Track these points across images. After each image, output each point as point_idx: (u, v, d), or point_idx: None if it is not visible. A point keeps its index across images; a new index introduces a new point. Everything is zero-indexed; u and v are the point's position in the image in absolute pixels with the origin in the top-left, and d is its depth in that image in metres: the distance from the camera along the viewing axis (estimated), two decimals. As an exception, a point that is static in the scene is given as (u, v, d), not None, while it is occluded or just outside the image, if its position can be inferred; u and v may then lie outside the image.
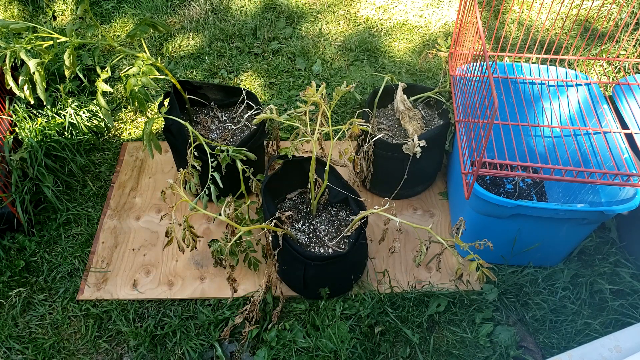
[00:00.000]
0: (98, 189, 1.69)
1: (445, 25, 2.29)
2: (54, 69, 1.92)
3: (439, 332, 1.35)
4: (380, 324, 1.34)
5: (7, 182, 1.54)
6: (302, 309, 1.38)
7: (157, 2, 2.37)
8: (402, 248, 1.52)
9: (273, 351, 1.30)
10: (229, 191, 1.34)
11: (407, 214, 1.62)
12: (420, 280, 1.45)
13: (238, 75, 2.08)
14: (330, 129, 1.14)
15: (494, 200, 1.21)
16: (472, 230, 1.39)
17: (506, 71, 1.52)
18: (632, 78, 1.47)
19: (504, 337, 1.31)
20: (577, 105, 1.49)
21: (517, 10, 2.36)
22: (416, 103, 1.62)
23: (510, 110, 1.55)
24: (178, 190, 1.10)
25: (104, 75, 1.26)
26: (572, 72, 1.51)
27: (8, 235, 1.56)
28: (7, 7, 2.35)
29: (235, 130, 1.58)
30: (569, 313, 1.36)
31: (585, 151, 1.40)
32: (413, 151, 1.41)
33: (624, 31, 2.19)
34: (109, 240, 1.55)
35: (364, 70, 2.09)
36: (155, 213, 1.63)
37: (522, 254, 1.41)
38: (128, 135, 1.87)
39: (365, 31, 2.25)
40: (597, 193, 1.36)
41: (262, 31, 2.25)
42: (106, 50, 2.18)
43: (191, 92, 1.59)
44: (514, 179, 1.65)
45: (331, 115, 1.11)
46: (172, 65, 2.11)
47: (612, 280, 1.41)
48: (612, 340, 1.00)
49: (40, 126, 1.73)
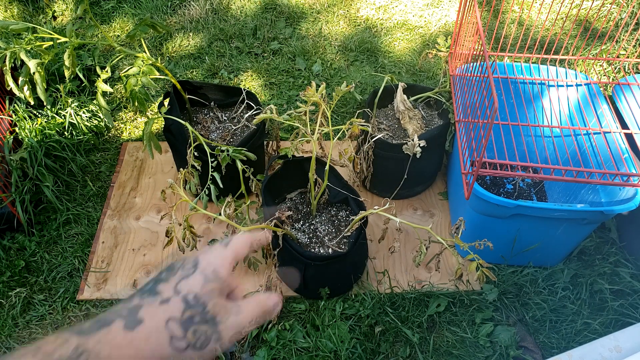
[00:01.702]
0: (98, 189, 1.69)
1: (445, 25, 2.29)
2: (54, 69, 1.92)
3: (439, 332, 1.35)
4: (380, 324, 1.34)
5: (7, 182, 1.54)
6: (302, 309, 1.38)
7: (157, 2, 2.37)
8: (402, 248, 1.52)
9: (273, 351, 1.30)
10: (229, 191, 1.34)
11: (407, 214, 1.62)
12: (420, 280, 1.45)
13: (238, 75, 2.08)
14: (330, 129, 1.14)
15: (494, 200, 1.21)
16: (472, 230, 1.39)
17: (506, 71, 1.52)
18: (632, 78, 1.46)
19: (504, 337, 1.31)
20: (577, 105, 1.49)
21: (517, 10, 2.36)
22: (416, 103, 1.62)
23: (510, 110, 1.55)
24: (178, 190, 1.10)
25: (104, 76, 1.26)
26: (572, 72, 1.51)
27: (8, 235, 1.56)
28: (7, 7, 2.35)
29: (235, 130, 1.58)
30: (569, 313, 1.36)
31: (585, 151, 1.40)
32: (413, 151, 1.41)
33: (624, 31, 2.19)
34: (109, 240, 1.55)
35: (364, 70, 2.09)
36: (155, 213, 1.63)
37: (522, 254, 1.41)
38: (128, 135, 1.87)
39: (365, 31, 2.25)
40: (597, 193, 1.36)
41: (262, 31, 2.25)
42: (106, 50, 2.18)
43: (191, 92, 1.59)
44: (514, 179, 1.65)
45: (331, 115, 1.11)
46: (172, 65, 2.11)
47: (612, 280, 1.41)
48: (612, 341, 1.00)
49: (40, 126, 1.73)
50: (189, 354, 0.33)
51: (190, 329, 0.33)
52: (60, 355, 0.28)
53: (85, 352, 0.29)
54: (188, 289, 0.35)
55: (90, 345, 0.30)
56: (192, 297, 0.35)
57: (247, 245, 0.41)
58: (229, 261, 0.38)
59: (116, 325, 0.32)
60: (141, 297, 0.35)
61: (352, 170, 1.54)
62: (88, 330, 0.31)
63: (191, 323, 0.34)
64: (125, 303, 0.34)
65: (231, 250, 0.39)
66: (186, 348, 0.33)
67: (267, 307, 0.38)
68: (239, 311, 0.36)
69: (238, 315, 0.36)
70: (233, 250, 0.39)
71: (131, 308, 0.33)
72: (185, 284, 0.35)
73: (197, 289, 0.35)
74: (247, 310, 0.37)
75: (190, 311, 0.34)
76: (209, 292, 0.36)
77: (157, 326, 0.33)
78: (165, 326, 0.33)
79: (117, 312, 0.33)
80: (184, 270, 0.36)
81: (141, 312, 0.33)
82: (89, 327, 0.32)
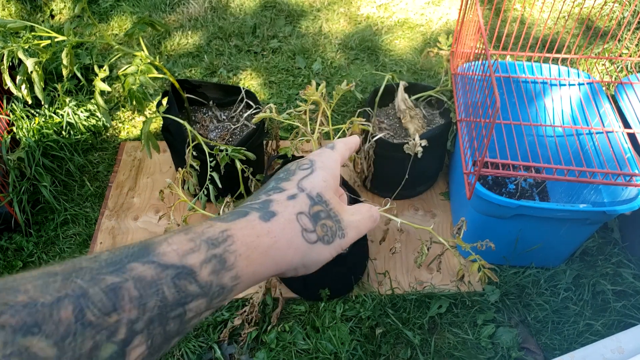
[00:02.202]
0: (96, 189, 1.68)
1: (447, 23, 2.27)
2: (51, 68, 1.91)
3: (440, 334, 1.34)
4: (381, 326, 1.33)
5: (5, 182, 1.53)
6: (302, 311, 1.37)
7: (155, 0, 2.35)
8: (403, 249, 1.51)
9: (272, 353, 1.29)
10: (227, 191, 1.33)
11: (409, 214, 1.61)
12: (421, 281, 1.43)
13: (237, 74, 2.06)
14: (331, 128, 1.13)
15: (496, 200, 1.19)
16: (473, 231, 1.37)
17: (508, 70, 1.51)
18: (634, 77, 1.45)
19: (506, 339, 1.30)
20: (579, 104, 1.47)
21: (519, 9, 2.35)
22: (417, 102, 1.61)
23: (512, 109, 1.54)
24: (176, 190, 1.09)
25: (101, 74, 1.25)
26: (574, 71, 1.50)
27: (5, 236, 1.54)
28: (5, 6, 2.34)
29: (234, 129, 1.56)
30: (571, 314, 1.35)
31: (587, 151, 1.39)
32: (414, 151, 1.40)
33: (627, 30, 2.18)
34: (106, 241, 1.54)
35: (364, 69, 2.07)
36: (154, 213, 1.61)
37: (524, 254, 1.39)
38: (126, 135, 1.86)
39: (365, 29, 2.24)
40: (599, 193, 1.34)
41: (261, 29, 2.23)
42: (104, 49, 2.17)
43: (190, 91, 1.57)
44: (516, 179, 1.64)
45: (331, 114, 1.09)
46: (171, 64, 2.10)
47: (614, 281, 1.40)
48: (615, 342, 0.98)
49: (37, 125, 1.71)
50: (318, 248, 0.35)
51: (319, 223, 0.35)
52: (209, 237, 0.30)
53: (230, 237, 0.31)
54: (311, 187, 0.36)
55: (233, 231, 0.31)
56: (316, 194, 0.36)
57: (349, 149, 0.43)
58: (339, 162, 0.40)
59: (252, 216, 0.33)
60: (267, 193, 0.36)
61: (353, 170, 1.53)
62: (229, 218, 0.32)
63: (318, 218, 0.35)
64: (253, 199, 0.36)
65: (339, 152, 0.41)
66: (316, 241, 0.35)
67: (374, 215, 0.40)
68: (353, 212, 0.38)
69: (354, 216, 0.38)
70: (340, 152, 0.41)
71: (262, 202, 0.35)
72: (307, 182, 0.37)
73: (319, 187, 0.37)
74: (360, 213, 0.39)
75: (316, 207, 0.35)
76: (329, 190, 0.37)
77: (290, 218, 0.34)
78: (296, 219, 0.34)
79: (249, 206, 0.34)
80: (302, 170, 0.38)
81: (272, 205, 0.34)
82: (228, 216, 0.33)
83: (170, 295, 0.26)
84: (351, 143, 0.43)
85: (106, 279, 0.24)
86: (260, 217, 0.33)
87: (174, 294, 0.26)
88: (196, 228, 0.30)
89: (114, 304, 0.23)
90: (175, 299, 0.26)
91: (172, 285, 0.26)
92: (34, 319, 0.21)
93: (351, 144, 0.43)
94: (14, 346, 0.20)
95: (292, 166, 0.39)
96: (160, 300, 0.25)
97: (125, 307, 0.24)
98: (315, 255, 0.35)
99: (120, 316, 0.24)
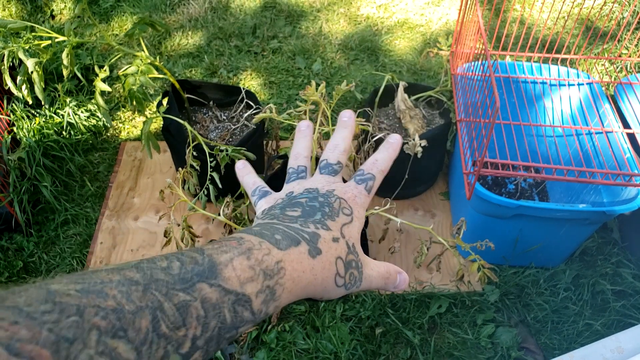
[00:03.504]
0: (96, 189, 1.68)
1: (447, 23, 2.28)
2: (52, 68, 1.91)
3: (440, 334, 1.34)
4: (380, 326, 1.33)
5: (5, 182, 1.53)
6: (301, 310, 1.38)
7: (155, 1, 2.35)
8: (403, 248, 1.51)
9: (273, 353, 1.29)
10: (228, 191, 1.33)
11: (408, 214, 1.61)
12: (421, 281, 1.44)
13: (237, 74, 2.07)
14: (331, 128, 1.13)
15: (496, 200, 1.20)
16: (473, 231, 1.38)
17: (507, 70, 1.51)
18: (634, 77, 1.45)
19: (506, 339, 1.30)
20: (578, 104, 1.48)
21: (519, 9, 2.35)
22: (417, 102, 1.61)
23: (511, 109, 1.54)
24: (177, 190, 1.09)
25: (102, 75, 1.25)
26: (574, 71, 1.50)
27: (6, 236, 1.55)
28: (5, 6, 2.34)
29: (234, 129, 1.57)
30: (570, 314, 1.35)
31: (587, 151, 1.39)
32: (414, 151, 1.40)
33: (626, 30, 2.18)
34: (107, 241, 1.54)
35: (364, 69, 2.08)
36: (154, 213, 1.62)
37: (523, 254, 1.39)
38: (126, 135, 1.86)
39: (365, 30, 2.24)
40: (599, 193, 1.35)
41: (261, 30, 2.24)
42: (104, 49, 2.17)
43: (190, 92, 1.58)
44: (515, 179, 1.64)
45: (331, 114, 1.10)
46: (171, 64, 2.10)
47: (614, 281, 1.40)
48: (614, 342, 0.99)
49: (38, 126, 1.72)
50: (340, 290, 0.37)
51: (349, 271, 0.38)
52: (267, 266, 0.32)
53: (283, 269, 0.32)
54: (349, 235, 0.39)
55: (286, 263, 0.33)
56: (352, 243, 0.39)
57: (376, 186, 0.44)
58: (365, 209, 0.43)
59: (303, 247, 0.35)
60: (315, 225, 0.38)
61: (353, 170, 1.53)
62: (283, 244, 0.34)
63: (350, 267, 0.38)
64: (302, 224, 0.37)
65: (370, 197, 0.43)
66: (341, 285, 0.37)
67: (393, 278, 0.42)
68: (373, 268, 0.41)
69: (372, 271, 0.40)
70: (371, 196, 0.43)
71: (311, 234, 0.37)
72: (347, 230, 0.39)
73: (354, 238, 0.39)
74: (379, 272, 0.41)
75: (350, 256, 0.38)
76: (359, 241, 0.40)
77: (331, 260, 0.36)
78: (335, 262, 0.37)
79: (300, 232, 0.36)
80: (345, 215, 0.40)
81: (320, 242, 0.36)
82: (281, 239, 0.34)
83: (229, 318, 0.29)
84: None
85: (178, 295, 0.27)
86: (309, 251, 0.35)
87: (232, 317, 0.29)
88: (256, 253, 0.32)
89: (183, 320, 0.26)
90: (232, 322, 0.29)
91: (232, 309, 0.29)
92: (121, 324, 0.23)
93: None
94: (105, 346, 0.22)
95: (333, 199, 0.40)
96: (220, 322, 0.28)
97: (192, 324, 0.26)
98: (334, 294, 0.38)
99: (187, 331, 0.26)
